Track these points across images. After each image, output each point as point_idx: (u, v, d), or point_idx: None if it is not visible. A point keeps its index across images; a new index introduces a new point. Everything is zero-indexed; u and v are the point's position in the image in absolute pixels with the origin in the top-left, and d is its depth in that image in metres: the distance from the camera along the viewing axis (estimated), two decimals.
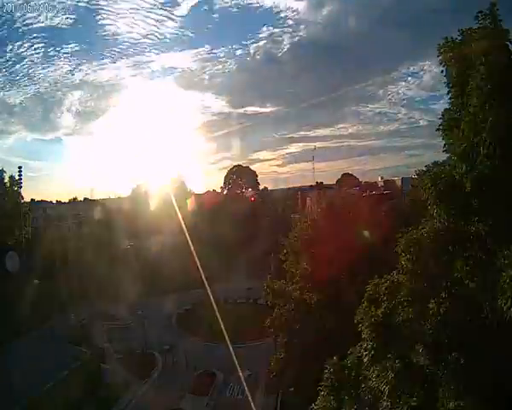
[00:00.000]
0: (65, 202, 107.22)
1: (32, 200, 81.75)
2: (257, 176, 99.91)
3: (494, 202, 8.06)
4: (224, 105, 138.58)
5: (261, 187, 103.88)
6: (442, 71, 9.06)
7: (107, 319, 45.04)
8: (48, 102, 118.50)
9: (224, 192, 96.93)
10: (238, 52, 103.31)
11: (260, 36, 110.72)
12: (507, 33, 8.36)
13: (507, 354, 7.58)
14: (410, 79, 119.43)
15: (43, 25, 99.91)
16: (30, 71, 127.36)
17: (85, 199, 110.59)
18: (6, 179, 58.04)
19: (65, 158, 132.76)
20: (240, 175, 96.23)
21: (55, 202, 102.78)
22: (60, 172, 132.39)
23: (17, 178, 55.68)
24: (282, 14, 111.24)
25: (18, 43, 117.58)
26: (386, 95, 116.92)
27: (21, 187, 56.04)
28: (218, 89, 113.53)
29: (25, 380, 27.76)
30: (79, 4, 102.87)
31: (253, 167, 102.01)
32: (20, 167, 56.04)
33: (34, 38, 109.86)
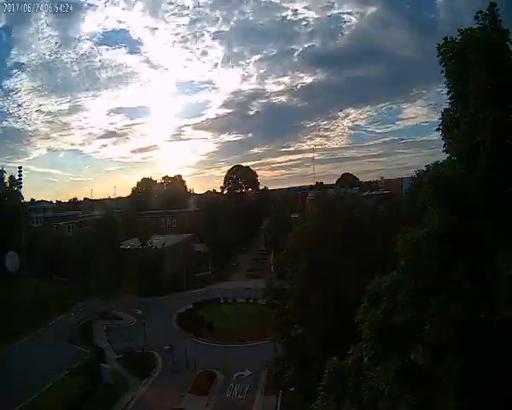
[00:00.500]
0: (65, 202, 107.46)
1: (32, 200, 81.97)
2: (257, 176, 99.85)
3: (494, 202, 8.06)
4: (217, 137, 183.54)
5: (261, 187, 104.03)
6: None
7: (108, 319, 45.06)
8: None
9: (224, 192, 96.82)
10: (220, 115, 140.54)
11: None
12: (507, 33, 8.36)
13: (507, 354, 7.59)
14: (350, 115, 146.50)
15: None
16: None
17: (85, 199, 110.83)
18: (6, 179, 58.08)
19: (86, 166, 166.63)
20: (240, 175, 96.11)
21: (55, 202, 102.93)
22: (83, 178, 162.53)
23: (17, 178, 55.66)
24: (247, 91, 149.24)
25: None
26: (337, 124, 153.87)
27: (21, 187, 56.04)
28: (212, 129, 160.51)
29: (25, 380, 27.83)
30: None
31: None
32: (19, 167, 56.08)
33: None
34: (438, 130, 9.24)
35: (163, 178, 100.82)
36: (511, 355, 7.53)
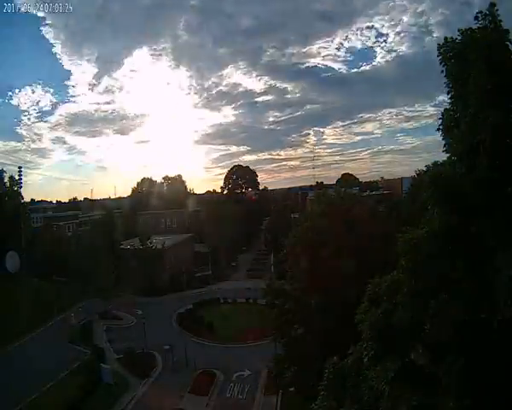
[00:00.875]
0: (65, 202, 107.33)
1: (32, 200, 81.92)
2: (257, 176, 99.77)
3: (494, 202, 8.06)
4: (214, 148, 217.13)
5: (261, 187, 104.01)
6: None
7: (108, 319, 45.05)
8: None
9: (224, 192, 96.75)
10: (215, 133, 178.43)
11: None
12: (507, 33, 8.36)
13: (507, 354, 7.59)
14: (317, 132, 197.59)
15: None
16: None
17: (85, 199, 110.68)
18: (6, 179, 58.03)
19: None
20: (240, 175, 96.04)
21: (55, 201, 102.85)
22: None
23: (17, 178, 55.61)
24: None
25: None
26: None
27: (21, 187, 55.97)
28: (209, 143, 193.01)
29: (25, 380, 27.84)
30: None
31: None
32: (19, 168, 56.04)
33: None
34: (438, 130, 9.25)
35: (163, 178, 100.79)
36: (511, 355, 7.54)
